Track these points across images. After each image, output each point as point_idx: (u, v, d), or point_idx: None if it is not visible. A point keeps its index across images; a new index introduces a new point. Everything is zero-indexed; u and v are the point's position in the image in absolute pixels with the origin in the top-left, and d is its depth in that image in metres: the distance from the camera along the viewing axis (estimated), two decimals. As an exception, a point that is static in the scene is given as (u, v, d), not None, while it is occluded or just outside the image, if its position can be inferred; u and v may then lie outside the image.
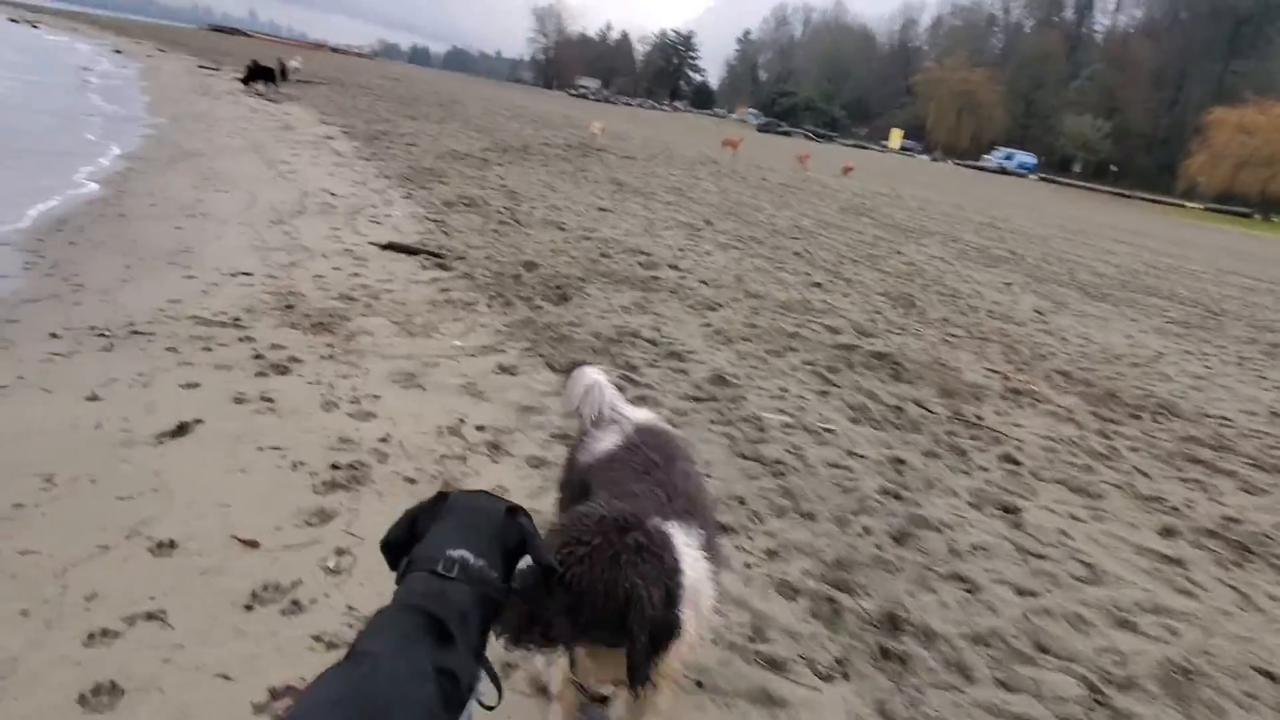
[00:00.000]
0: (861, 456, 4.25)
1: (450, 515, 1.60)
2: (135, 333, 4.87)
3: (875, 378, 5.57)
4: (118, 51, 36.00)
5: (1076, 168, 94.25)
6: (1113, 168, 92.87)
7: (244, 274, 6.30)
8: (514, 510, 1.64)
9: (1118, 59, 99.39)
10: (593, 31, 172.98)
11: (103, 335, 4.82)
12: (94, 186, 9.05)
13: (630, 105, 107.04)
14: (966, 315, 7.99)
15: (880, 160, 65.89)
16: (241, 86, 23.47)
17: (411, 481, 3.52)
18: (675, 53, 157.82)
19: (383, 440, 3.86)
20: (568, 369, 2.68)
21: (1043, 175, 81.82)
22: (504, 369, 4.91)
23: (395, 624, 1.38)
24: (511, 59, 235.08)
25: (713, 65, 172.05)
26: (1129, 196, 68.05)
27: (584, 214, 10.65)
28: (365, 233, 8.17)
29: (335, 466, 3.56)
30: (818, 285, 8.18)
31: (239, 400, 4.11)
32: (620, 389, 2.51)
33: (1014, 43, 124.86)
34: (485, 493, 1.73)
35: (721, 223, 11.66)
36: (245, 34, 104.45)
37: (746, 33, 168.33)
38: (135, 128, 13.75)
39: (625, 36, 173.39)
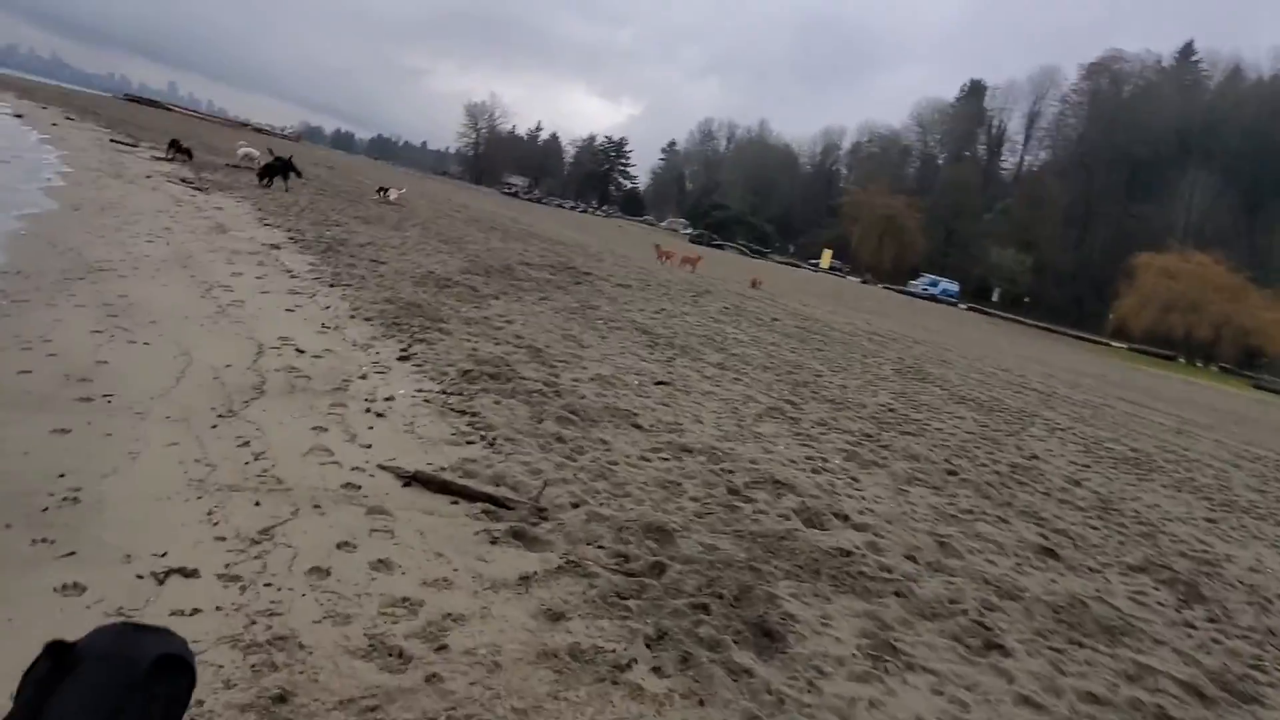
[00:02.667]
0: None
1: (80, 679, 1.18)
2: None
3: None
4: (18, 116, 32.20)
5: (994, 297, 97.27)
6: (1026, 299, 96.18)
7: (181, 573, 3.35)
8: (165, 664, 1.24)
9: (1031, 195, 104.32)
10: (522, 130, 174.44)
11: None
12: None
13: (563, 208, 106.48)
14: (1268, 613, 5.49)
15: (819, 281, 65.86)
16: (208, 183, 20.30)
17: None
18: (607, 157, 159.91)
19: None
20: None
21: (971, 305, 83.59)
22: None
23: None
24: (436, 150, 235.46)
25: (637, 173, 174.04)
26: (1057, 332, 69.49)
27: (645, 392, 7.92)
28: (367, 439, 5.25)
29: None
30: (1049, 553, 5.56)
31: None
32: None
33: (929, 173, 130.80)
34: (129, 629, 1.31)
35: (806, 403, 9.07)
36: (164, 106, 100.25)
37: (672, 143, 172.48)
38: (21, 221, 10.49)
39: (555, 138, 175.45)
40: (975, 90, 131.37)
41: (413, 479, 4.71)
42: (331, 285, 10.15)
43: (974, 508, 6.32)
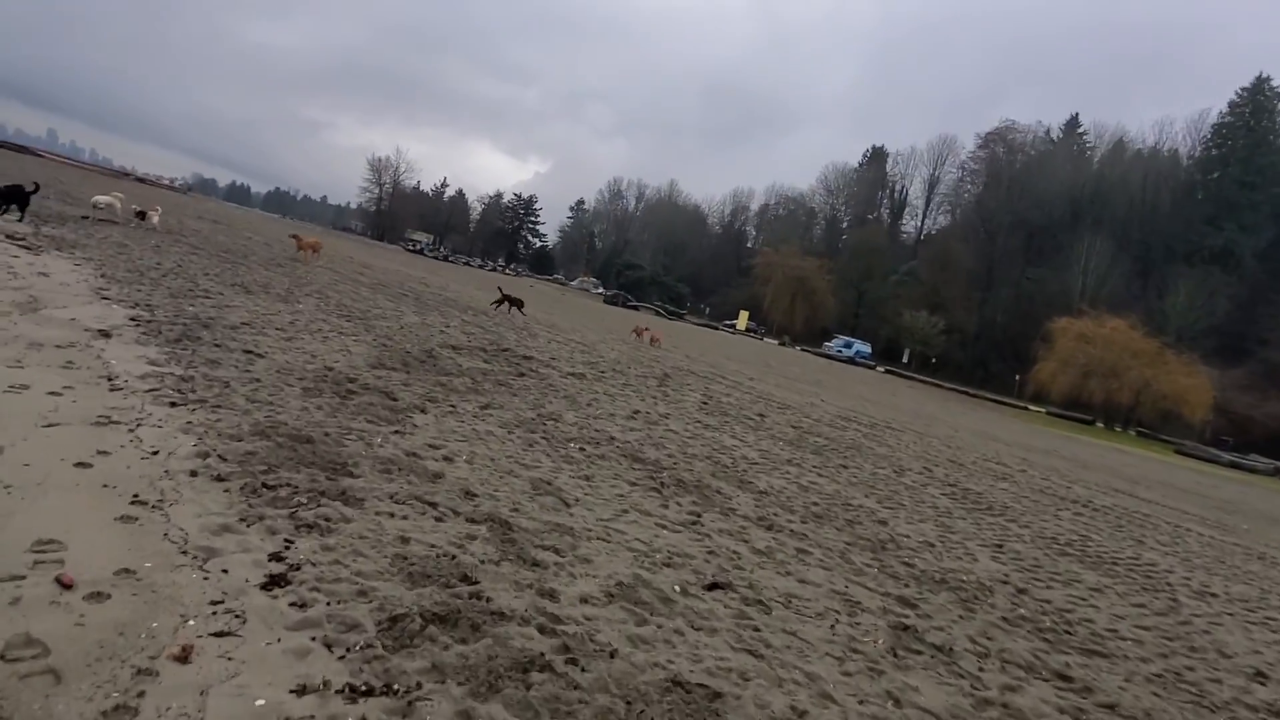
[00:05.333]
0: None
1: None
2: None
3: None
4: None
5: (905, 358, 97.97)
6: (933, 360, 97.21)
7: None
8: None
9: (938, 258, 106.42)
10: (427, 186, 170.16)
11: None
12: None
13: (470, 265, 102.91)
14: None
15: (742, 344, 63.93)
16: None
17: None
18: (515, 215, 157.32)
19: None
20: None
21: (888, 368, 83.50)
22: None
23: None
24: (336, 204, 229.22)
25: (546, 230, 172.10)
26: (977, 396, 69.23)
27: (702, 613, 4.73)
28: None
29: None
30: None
31: None
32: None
33: (834, 235, 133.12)
34: None
35: (923, 599, 5.97)
36: (35, 153, 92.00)
37: (580, 202, 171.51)
38: None
39: (461, 194, 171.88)
40: (878, 155, 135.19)
41: None
42: (174, 404, 6.64)
43: None
